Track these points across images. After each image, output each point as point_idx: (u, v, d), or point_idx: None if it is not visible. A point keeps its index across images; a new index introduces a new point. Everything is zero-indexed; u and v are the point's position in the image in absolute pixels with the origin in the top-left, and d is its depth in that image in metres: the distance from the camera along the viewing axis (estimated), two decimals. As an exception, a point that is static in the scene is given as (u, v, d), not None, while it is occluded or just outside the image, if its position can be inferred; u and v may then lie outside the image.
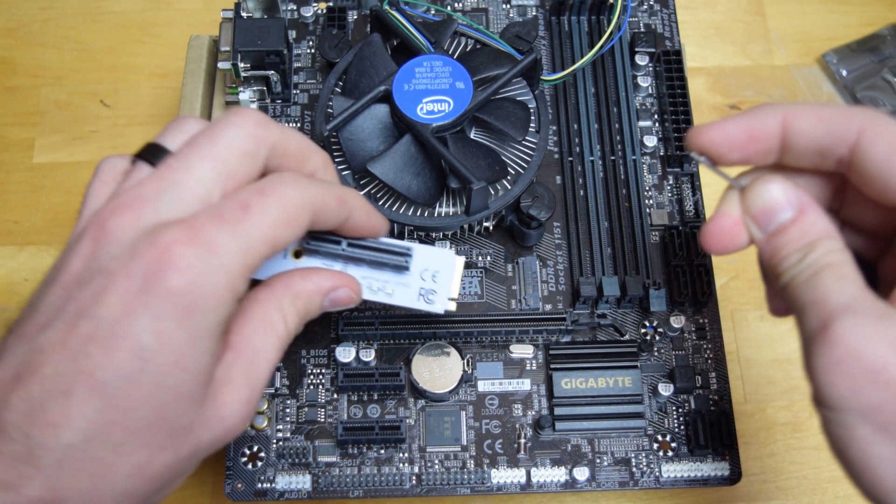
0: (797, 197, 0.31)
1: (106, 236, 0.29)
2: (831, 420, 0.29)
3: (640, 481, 0.42)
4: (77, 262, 0.29)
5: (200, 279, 0.28)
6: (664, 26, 0.52)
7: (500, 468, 0.42)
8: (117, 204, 0.29)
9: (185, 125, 0.32)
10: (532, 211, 0.43)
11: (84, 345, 0.27)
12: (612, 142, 0.47)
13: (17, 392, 0.27)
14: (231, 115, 0.31)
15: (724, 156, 0.33)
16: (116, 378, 0.27)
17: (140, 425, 0.28)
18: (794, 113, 0.32)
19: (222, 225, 0.29)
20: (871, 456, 0.28)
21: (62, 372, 0.27)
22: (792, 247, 0.31)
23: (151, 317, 0.27)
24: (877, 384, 0.28)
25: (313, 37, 0.51)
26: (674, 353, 0.44)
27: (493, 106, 0.43)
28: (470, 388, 0.43)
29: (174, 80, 0.60)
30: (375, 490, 0.42)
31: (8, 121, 0.59)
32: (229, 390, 0.30)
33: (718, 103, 0.60)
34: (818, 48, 0.62)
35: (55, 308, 0.28)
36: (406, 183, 0.41)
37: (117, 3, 0.63)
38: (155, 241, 0.28)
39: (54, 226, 0.56)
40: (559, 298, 0.45)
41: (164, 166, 0.30)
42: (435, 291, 0.38)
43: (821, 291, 0.29)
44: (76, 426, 0.27)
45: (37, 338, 0.28)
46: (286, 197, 0.30)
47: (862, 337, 0.28)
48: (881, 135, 0.30)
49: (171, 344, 0.28)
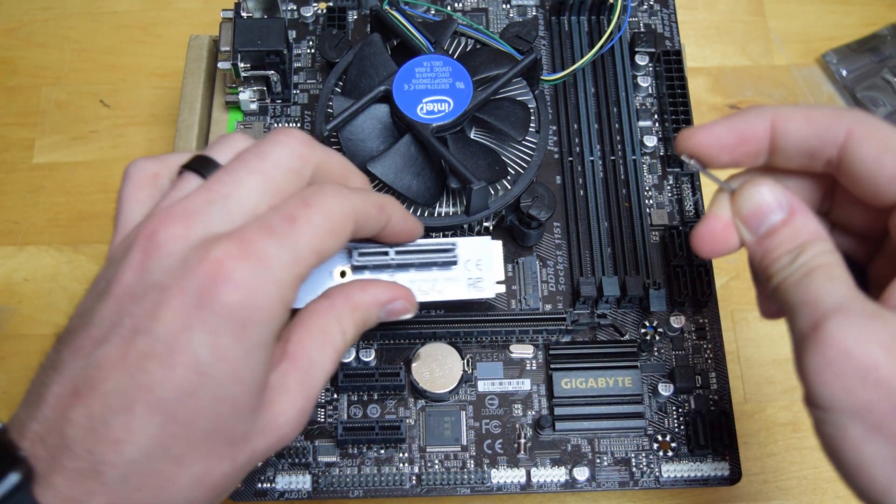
0: (787, 199, 0.32)
1: (156, 248, 0.29)
2: (824, 420, 0.29)
3: (640, 481, 0.42)
4: (128, 274, 0.29)
5: (254, 293, 0.28)
6: (664, 26, 0.52)
7: (500, 468, 0.42)
8: (167, 215, 0.29)
9: (234, 141, 0.33)
10: (532, 211, 0.43)
11: (142, 361, 0.27)
12: (612, 142, 0.47)
13: (77, 408, 0.27)
14: (279, 135, 0.32)
15: (713, 158, 0.33)
16: (176, 393, 0.28)
17: (199, 437, 0.28)
18: (782, 115, 0.32)
19: (271, 237, 0.29)
20: (864, 456, 0.28)
21: (122, 389, 0.27)
22: (782, 249, 0.31)
23: (208, 332, 0.28)
24: (868, 383, 0.28)
25: (313, 37, 0.51)
26: (674, 353, 0.44)
27: (493, 106, 0.43)
28: (470, 388, 0.43)
29: (174, 80, 0.60)
30: (375, 490, 0.42)
31: (8, 121, 0.59)
32: (284, 399, 0.31)
33: (718, 103, 0.60)
34: (818, 48, 0.62)
35: (110, 323, 0.28)
36: (406, 183, 0.41)
37: (117, 3, 0.63)
38: (207, 256, 0.28)
39: (54, 226, 0.56)
40: (559, 298, 0.45)
41: (213, 179, 0.30)
42: (482, 278, 0.39)
43: (812, 292, 0.29)
44: (139, 442, 0.27)
45: (94, 353, 0.28)
46: (330, 207, 0.31)
47: (853, 336, 0.28)
48: (869, 136, 0.30)
49: (228, 358, 0.28)
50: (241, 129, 0.48)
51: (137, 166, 0.33)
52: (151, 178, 0.33)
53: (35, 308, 0.54)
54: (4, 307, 0.53)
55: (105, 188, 0.57)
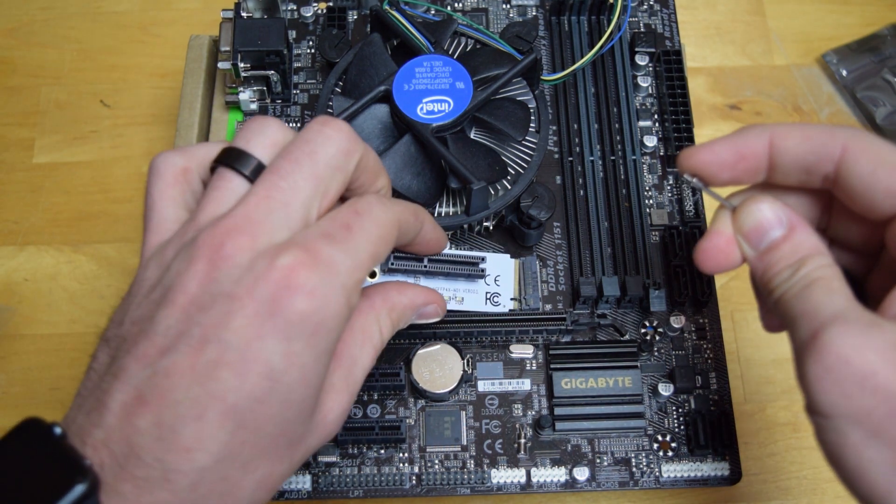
0: (787, 215, 0.32)
1: (223, 260, 0.29)
2: (824, 427, 0.30)
3: (640, 481, 0.42)
4: (192, 284, 0.29)
5: (325, 300, 0.29)
6: (664, 26, 0.52)
7: (500, 468, 0.42)
8: (231, 226, 0.29)
9: (268, 129, 0.32)
10: (532, 211, 0.43)
11: (213, 369, 0.28)
12: (612, 142, 0.47)
13: (144, 416, 0.27)
14: (324, 128, 0.32)
15: (714, 176, 0.34)
16: (248, 400, 0.28)
17: (266, 442, 0.29)
18: (780, 132, 0.33)
19: (334, 244, 0.30)
20: (865, 461, 0.29)
21: (193, 397, 0.27)
22: (783, 263, 0.32)
23: (281, 339, 0.28)
24: (866, 390, 0.28)
25: (313, 37, 0.51)
26: (674, 353, 0.44)
27: (493, 106, 0.43)
28: (470, 388, 0.43)
29: (174, 80, 0.60)
30: (375, 490, 0.42)
31: (8, 121, 0.59)
32: (333, 397, 0.32)
33: (718, 103, 0.60)
34: (818, 48, 0.62)
35: (176, 332, 0.28)
36: (406, 183, 0.41)
37: (117, 3, 0.63)
38: (276, 265, 0.28)
39: (54, 226, 0.56)
40: (559, 298, 0.45)
41: (269, 185, 0.30)
42: (499, 294, 0.42)
43: (811, 303, 0.30)
44: (209, 449, 0.28)
45: (160, 361, 0.28)
46: (379, 216, 0.32)
47: (851, 344, 0.28)
48: (864, 151, 0.31)
49: (299, 363, 0.29)
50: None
51: (166, 161, 0.33)
52: (182, 173, 0.32)
53: (35, 308, 0.54)
54: (4, 307, 0.53)
55: (105, 188, 0.57)
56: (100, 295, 0.54)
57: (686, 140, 0.47)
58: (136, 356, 0.28)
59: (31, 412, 0.53)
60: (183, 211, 0.32)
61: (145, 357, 0.28)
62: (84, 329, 0.53)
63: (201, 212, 0.31)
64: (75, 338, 0.53)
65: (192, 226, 0.30)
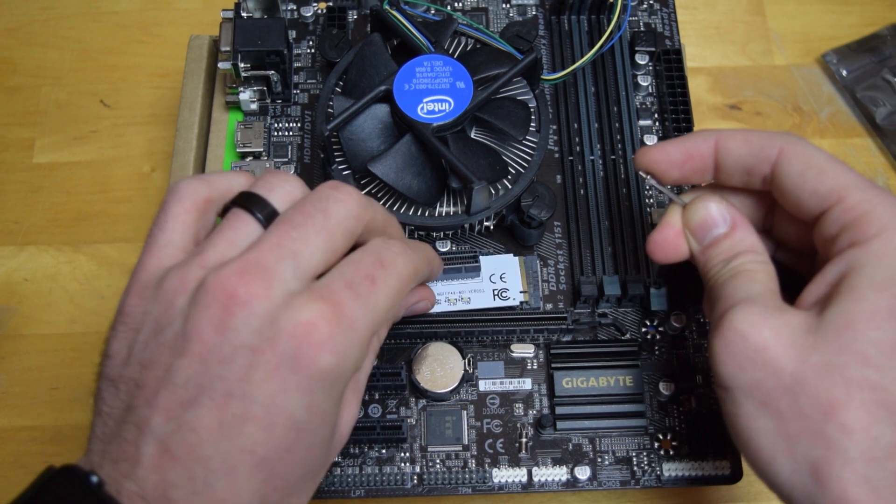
0: (731, 214, 0.35)
1: (240, 308, 0.29)
2: (724, 399, 0.33)
3: (641, 480, 0.42)
4: (208, 331, 0.28)
5: (345, 355, 0.30)
6: (664, 25, 0.52)
7: (501, 467, 0.42)
8: (242, 270, 0.29)
9: (286, 183, 0.33)
10: (532, 210, 0.43)
11: (240, 425, 0.28)
12: (612, 141, 0.48)
13: (176, 470, 0.28)
14: (338, 193, 0.32)
15: (665, 173, 0.37)
16: (277, 451, 0.29)
17: (294, 483, 0.30)
18: (724, 136, 0.36)
19: (357, 299, 0.30)
20: (753, 430, 0.31)
21: (223, 452, 0.28)
22: (721, 257, 0.35)
23: (304, 393, 0.29)
24: (757, 363, 0.31)
25: (313, 37, 0.51)
26: (675, 352, 0.44)
27: (494, 105, 0.43)
28: (471, 388, 0.43)
29: (174, 80, 0.60)
30: (377, 490, 0.42)
31: (8, 121, 0.59)
32: (347, 412, 0.33)
33: (718, 103, 0.60)
34: (818, 48, 0.62)
35: (197, 385, 0.28)
36: (407, 183, 0.41)
37: (117, 3, 0.63)
38: (299, 320, 0.29)
39: (54, 226, 0.56)
40: (560, 298, 0.45)
41: (280, 233, 0.31)
42: (507, 289, 0.43)
43: (730, 289, 0.33)
44: (243, 499, 0.28)
45: (184, 415, 0.28)
46: (400, 269, 0.33)
47: (749, 321, 0.31)
48: (796, 155, 0.34)
49: (320, 412, 0.30)
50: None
51: (190, 188, 0.33)
52: (204, 203, 0.33)
53: (35, 308, 0.54)
54: (4, 307, 0.53)
55: (105, 188, 0.57)
56: (100, 295, 0.54)
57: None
58: (156, 408, 0.28)
59: (32, 412, 0.53)
60: (191, 241, 0.32)
61: (167, 410, 0.28)
62: (84, 329, 0.53)
63: (210, 248, 0.31)
64: (75, 338, 0.53)
65: (198, 261, 0.30)
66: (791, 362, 0.30)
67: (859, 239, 0.32)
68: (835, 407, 0.30)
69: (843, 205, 0.33)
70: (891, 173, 0.59)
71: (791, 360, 0.30)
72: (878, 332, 0.30)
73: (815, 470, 0.30)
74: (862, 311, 0.30)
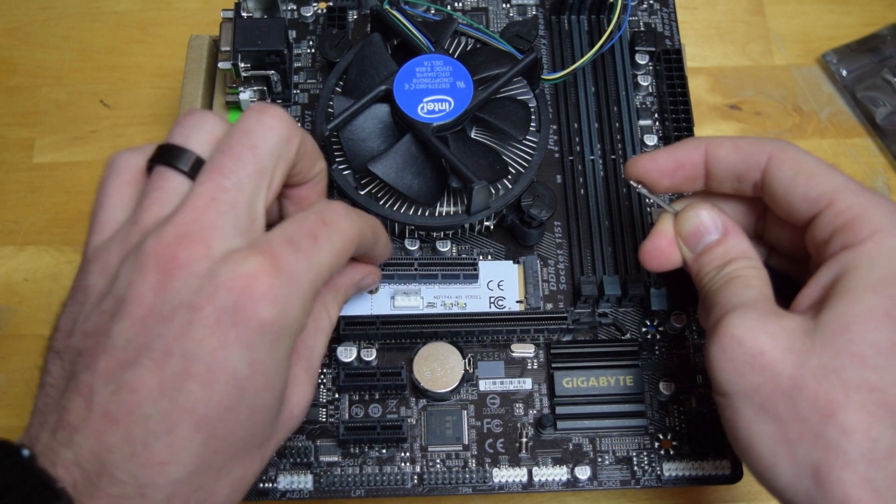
0: (723, 221, 0.35)
1: (179, 269, 0.28)
2: (723, 405, 0.32)
3: (641, 480, 0.42)
4: (148, 295, 0.28)
5: (286, 308, 0.29)
6: (664, 25, 0.52)
7: (501, 467, 0.42)
8: (182, 234, 0.28)
9: (206, 123, 0.32)
10: (533, 210, 0.43)
11: (180, 382, 0.27)
12: (612, 141, 0.48)
13: (113, 433, 0.27)
14: (262, 116, 0.31)
15: (656, 182, 0.37)
16: (218, 410, 0.28)
17: (238, 447, 0.29)
18: (713, 143, 0.36)
19: (297, 253, 0.30)
20: (753, 435, 0.31)
21: (162, 411, 0.27)
22: (714, 264, 0.35)
23: (245, 348, 0.28)
24: (755, 368, 0.31)
25: (313, 36, 0.51)
26: (675, 352, 0.44)
27: (494, 105, 0.43)
28: (471, 388, 0.43)
29: (174, 80, 0.60)
30: (377, 490, 0.42)
31: (8, 121, 0.59)
32: (297, 391, 0.33)
33: (718, 103, 0.60)
34: (818, 48, 0.62)
35: (136, 345, 0.28)
36: (407, 182, 0.41)
37: (117, 3, 0.63)
38: (238, 273, 0.28)
39: (54, 226, 0.56)
40: (560, 297, 0.45)
41: (213, 186, 0.30)
42: (504, 297, 0.44)
43: (725, 295, 0.33)
44: (183, 461, 0.28)
45: (123, 376, 0.27)
46: (344, 228, 0.33)
47: (745, 327, 0.31)
48: (786, 160, 0.34)
49: (262, 370, 0.29)
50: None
51: (125, 160, 0.32)
52: (140, 174, 0.32)
53: (35, 308, 0.54)
54: (4, 307, 0.53)
55: (105, 188, 0.57)
56: (100, 295, 0.54)
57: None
58: (96, 372, 0.28)
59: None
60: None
61: (106, 373, 0.28)
62: (84, 329, 0.53)
63: (143, 213, 0.30)
64: (75, 338, 0.53)
65: (135, 228, 0.30)
66: (789, 366, 0.30)
67: (852, 241, 0.32)
68: (834, 409, 0.30)
69: (835, 208, 0.33)
70: (891, 173, 0.59)
71: (789, 364, 0.30)
72: (874, 333, 0.30)
73: (816, 473, 0.30)
74: (857, 313, 0.30)
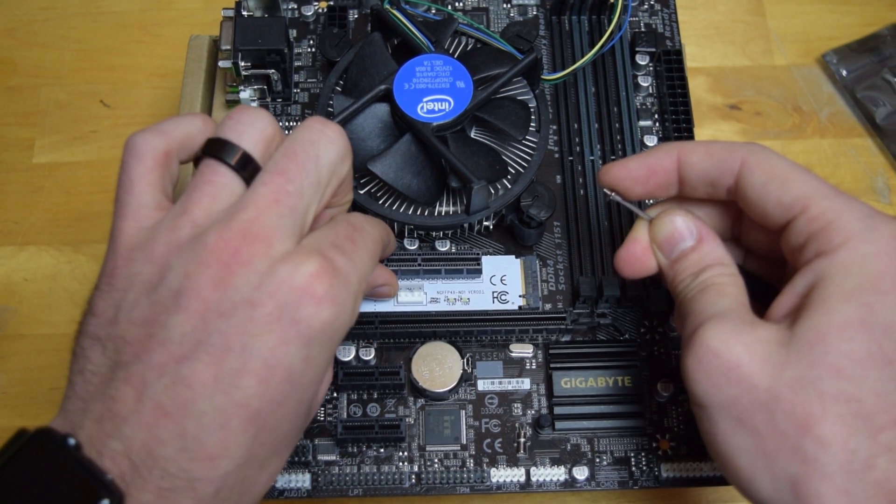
0: (698, 228, 0.35)
1: (241, 265, 0.28)
2: (700, 417, 0.32)
3: (639, 480, 0.42)
4: (207, 289, 0.28)
5: (343, 307, 0.30)
6: (664, 26, 0.52)
7: (499, 467, 0.42)
8: (245, 231, 0.29)
9: (259, 122, 0.32)
10: (532, 210, 0.43)
11: (237, 378, 0.28)
12: (612, 141, 0.48)
13: (166, 426, 0.27)
14: (325, 129, 0.32)
15: (629, 190, 0.37)
16: (271, 405, 0.29)
17: (281, 439, 0.30)
18: (685, 149, 0.36)
19: (345, 255, 0.31)
20: (731, 448, 0.31)
21: (217, 406, 0.28)
22: (689, 271, 0.35)
23: (303, 345, 0.29)
24: (731, 380, 0.31)
25: (314, 36, 0.51)
26: (673, 353, 0.44)
27: (494, 105, 0.43)
28: (469, 388, 0.43)
29: (174, 80, 0.60)
30: (375, 489, 0.42)
31: (8, 121, 0.59)
32: (326, 377, 0.34)
33: (718, 103, 0.60)
34: (818, 48, 0.62)
35: (194, 339, 0.28)
36: (406, 182, 0.41)
37: (117, 3, 0.63)
38: (300, 271, 0.29)
39: (54, 226, 0.56)
40: (559, 298, 0.45)
41: (278, 189, 0.30)
42: (507, 292, 0.44)
43: (700, 304, 0.33)
44: (233, 455, 0.28)
45: (178, 370, 0.28)
46: (371, 232, 0.34)
47: (721, 338, 0.31)
48: (758, 164, 0.34)
49: (315, 366, 0.30)
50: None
51: (146, 143, 0.32)
52: (164, 158, 0.32)
53: (35, 308, 0.54)
54: (4, 307, 0.53)
55: (105, 188, 0.57)
56: (100, 294, 0.54)
57: (687, 140, 0.47)
58: (149, 364, 0.28)
59: (32, 412, 0.53)
60: (162, 197, 0.32)
61: (161, 366, 0.28)
62: (84, 328, 0.53)
63: (193, 205, 0.30)
64: (75, 337, 0.53)
65: (186, 220, 0.30)
66: (765, 378, 0.30)
67: (826, 248, 0.31)
68: (811, 421, 0.29)
69: (808, 214, 0.32)
70: (891, 173, 0.59)
71: (765, 376, 0.30)
72: (849, 343, 0.30)
73: (795, 486, 0.30)
74: (832, 323, 0.30)
